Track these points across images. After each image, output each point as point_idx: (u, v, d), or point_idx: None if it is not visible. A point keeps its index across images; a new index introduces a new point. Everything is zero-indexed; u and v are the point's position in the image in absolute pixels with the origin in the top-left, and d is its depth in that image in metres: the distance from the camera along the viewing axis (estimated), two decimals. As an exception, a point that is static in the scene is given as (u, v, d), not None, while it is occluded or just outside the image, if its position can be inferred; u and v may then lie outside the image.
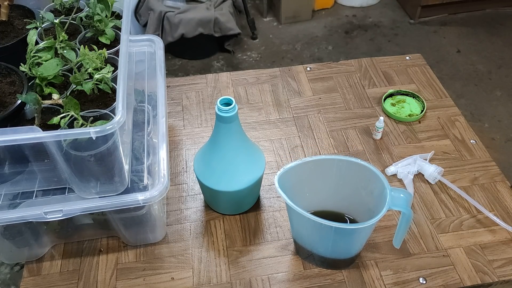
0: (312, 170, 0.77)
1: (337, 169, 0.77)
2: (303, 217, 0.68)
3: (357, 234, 0.74)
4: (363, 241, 0.77)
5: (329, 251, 0.77)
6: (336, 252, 0.78)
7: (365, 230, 0.72)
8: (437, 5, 2.68)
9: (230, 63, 2.50)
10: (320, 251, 0.78)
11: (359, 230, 0.72)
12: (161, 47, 0.96)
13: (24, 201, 0.75)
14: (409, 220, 0.69)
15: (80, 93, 0.74)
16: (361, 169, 0.74)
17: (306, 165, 0.76)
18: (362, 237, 0.75)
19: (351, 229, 0.72)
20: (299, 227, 0.78)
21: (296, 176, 0.76)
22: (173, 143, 1.04)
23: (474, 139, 1.04)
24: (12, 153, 0.67)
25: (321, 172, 0.78)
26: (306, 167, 0.76)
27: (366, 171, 0.73)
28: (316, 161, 0.76)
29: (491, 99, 2.27)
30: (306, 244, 0.79)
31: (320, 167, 0.77)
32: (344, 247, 0.77)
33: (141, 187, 0.78)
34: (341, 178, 0.78)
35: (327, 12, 2.85)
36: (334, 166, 0.77)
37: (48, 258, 0.84)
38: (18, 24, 0.84)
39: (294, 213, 0.70)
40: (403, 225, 0.71)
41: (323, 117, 1.10)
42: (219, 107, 0.75)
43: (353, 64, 1.25)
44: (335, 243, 0.75)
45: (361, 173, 0.74)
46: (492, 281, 0.80)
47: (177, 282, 0.80)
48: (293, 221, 0.79)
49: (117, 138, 0.67)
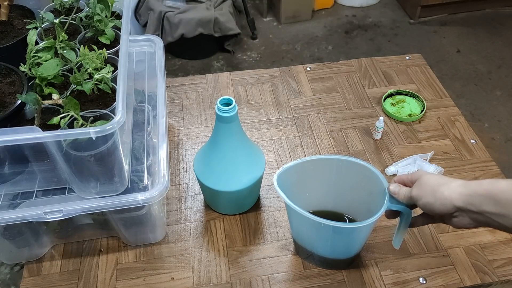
0: (312, 170, 0.77)
1: (337, 168, 0.77)
2: (302, 216, 0.68)
3: (356, 234, 0.74)
4: (363, 241, 0.77)
5: (328, 251, 0.77)
6: (336, 252, 0.78)
7: (364, 229, 0.72)
8: (437, 5, 2.68)
9: (230, 63, 2.50)
10: (320, 251, 0.78)
11: (358, 230, 0.72)
12: (161, 47, 0.96)
13: (24, 201, 0.75)
14: (408, 220, 0.69)
15: (80, 93, 0.74)
16: (360, 169, 0.74)
17: (305, 165, 0.76)
18: (361, 237, 0.75)
19: (350, 229, 0.72)
20: (299, 227, 0.78)
21: (296, 175, 0.76)
22: (173, 143, 1.04)
23: (474, 139, 1.04)
24: (12, 153, 0.67)
25: (320, 171, 0.78)
26: (305, 167, 0.76)
27: (366, 171, 0.73)
28: (315, 160, 0.76)
29: (491, 99, 2.27)
30: (305, 243, 0.79)
31: (320, 167, 0.77)
32: (343, 246, 0.77)
33: (141, 187, 0.78)
34: (341, 178, 0.78)
35: (327, 12, 2.85)
36: (333, 165, 0.77)
37: (48, 258, 0.84)
38: (18, 24, 0.84)
39: (293, 212, 0.70)
40: (403, 224, 0.71)
41: (323, 117, 1.10)
42: (219, 107, 0.75)
43: (353, 64, 1.25)
44: (334, 243, 0.75)
45: (360, 173, 0.74)
46: (492, 281, 0.80)
47: (177, 282, 0.80)
48: (292, 220, 0.79)
49: (117, 138, 0.67)
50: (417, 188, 0.62)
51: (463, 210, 0.58)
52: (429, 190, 0.60)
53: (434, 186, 0.60)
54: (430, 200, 0.60)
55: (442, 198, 0.59)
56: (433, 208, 0.60)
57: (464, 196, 0.57)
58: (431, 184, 0.61)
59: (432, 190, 0.60)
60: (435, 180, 0.61)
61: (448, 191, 0.59)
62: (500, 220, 0.55)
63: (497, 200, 0.54)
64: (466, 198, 0.57)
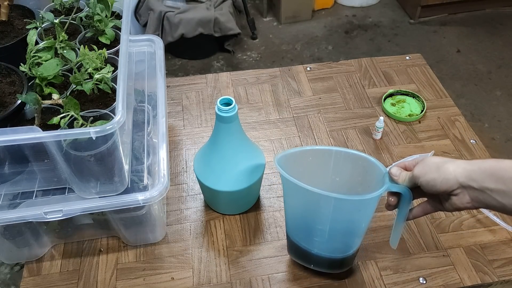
0: (310, 160, 0.76)
1: (335, 160, 0.76)
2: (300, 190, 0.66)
3: (357, 214, 0.71)
4: (362, 231, 0.74)
5: (325, 243, 0.75)
6: (332, 246, 0.75)
7: (365, 206, 0.70)
8: (437, 5, 2.68)
9: (230, 63, 2.50)
10: (316, 245, 0.76)
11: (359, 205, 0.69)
12: (161, 47, 0.96)
13: (24, 201, 0.75)
14: (408, 206, 0.68)
15: (80, 93, 0.74)
16: (359, 160, 0.73)
17: (304, 154, 0.75)
18: (362, 219, 0.72)
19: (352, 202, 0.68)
20: (295, 210, 0.75)
21: (295, 164, 0.74)
22: (173, 143, 1.04)
23: (474, 139, 1.04)
24: (12, 153, 0.67)
25: (319, 162, 0.76)
26: (305, 156, 0.75)
27: (364, 162, 0.72)
28: (315, 150, 0.76)
29: (491, 99, 2.27)
30: (301, 238, 0.77)
31: (318, 157, 0.76)
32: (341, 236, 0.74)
33: (141, 187, 0.78)
34: (339, 169, 0.77)
35: (327, 12, 2.85)
36: (332, 156, 0.76)
37: (48, 258, 0.84)
38: (18, 24, 0.84)
39: (291, 190, 0.69)
40: (402, 212, 0.69)
41: (323, 117, 1.10)
42: (219, 107, 0.75)
43: (353, 64, 1.25)
44: (333, 226, 0.72)
45: (359, 164, 0.73)
46: (492, 281, 0.80)
47: (177, 282, 0.80)
48: (288, 204, 0.76)
49: (117, 138, 0.67)
50: (420, 167, 0.62)
51: (464, 186, 0.58)
52: (433, 166, 0.61)
53: (438, 163, 0.60)
54: (434, 175, 0.60)
55: (446, 173, 0.59)
56: (435, 184, 0.60)
57: (467, 171, 0.58)
58: (436, 162, 0.61)
59: (436, 167, 0.60)
60: (440, 159, 0.61)
61: (453, 167, 0.59)
62: (500, 198, 0.55)
63: (500, 177, 0.55)
64: (469, 173, 0.57)
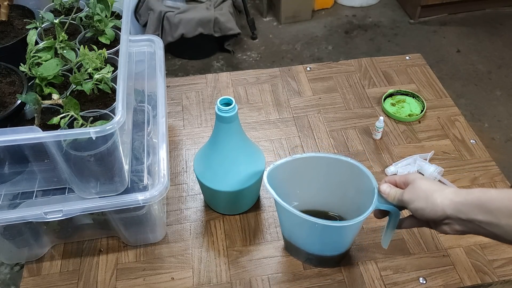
0: (302, 168, 0.77)
1: (327, 167, 0.77)
2: (291, 214, 0.68)
3: (344, 232, 0.74)
4: (351, 239, 0.77)
5: (317, 248, 0.77)
6: (325, 249, 0.77)
7: (351, 228, 0.72)
8: (437, 5, 2.68)
9: (230, 63, 2.50)
10: (309, 248, 0.78)
11: (345, 228, 0.71)
12: (161, 47, 0.96)
13: (24, 201, 0.75)
14: (396, 220, 0.69)
15: (80, 93, 0.74)
16: (350, 168, 0.74)
17: (296, 162, 0.76)
18: (349, 235, 0.75)
19: (338, 227, 0.71)
20: (288, 223, 0.78)
21: (287, 173, 0.76)
22: (173, 143, 1.04)
23: (474, 139, 1.04)
24: (12, 153, 0.67)
25: (311, 169, 0.77)
26: (296, 165, 0.76)
27: (355, 170, 0.73)
28: (306, 158, 0.76)
29: (491, 99, 2.27)
30: (295, 240, 0.79)
31: (310, 165, 0.77)
32: (332, 244, 0.77)
33: (141, 187, 0.78)
34: (330, 176, 0.78)
35: (327, 12, 2.85)
36: (323, 164, 0.77)
37: (48, 258, 0.84)
38: (18, 24, 0.84)
39: (282, 209, 0.70)
40: (391, 225, 0.70)
41: (323, 117, 1.10)
42: (219, 107, 0.75)
43: (353, 64, 1.25)
44: (323, 240, 0.75)
45: (350, 171, 0.74)
46: (492, 281, 0.80)
47: (177, 282, 0.80)
48: (282, 217, 0.79)
49: (117, 138, 0.67)
50: (409, 192, 0.62)
51: (453, 218, 0.58)
52: (422, 195, 0.61)
53: (427, 192, 0.60)
54: (422, 205, 0.60)
55: (434, 205, 0.59)
56: (423, 213, 0.60)
57: (454, 204, 0.58)
58: (425, 190, 0.61)
59: (425, 196, 0.60)
60: (428, 186, 0.61)
61: (440, 198, 0.59)
62: (490, 228, 0.55)
63: (487, 208, 0.55)
64: (456, 205, 0.57)
